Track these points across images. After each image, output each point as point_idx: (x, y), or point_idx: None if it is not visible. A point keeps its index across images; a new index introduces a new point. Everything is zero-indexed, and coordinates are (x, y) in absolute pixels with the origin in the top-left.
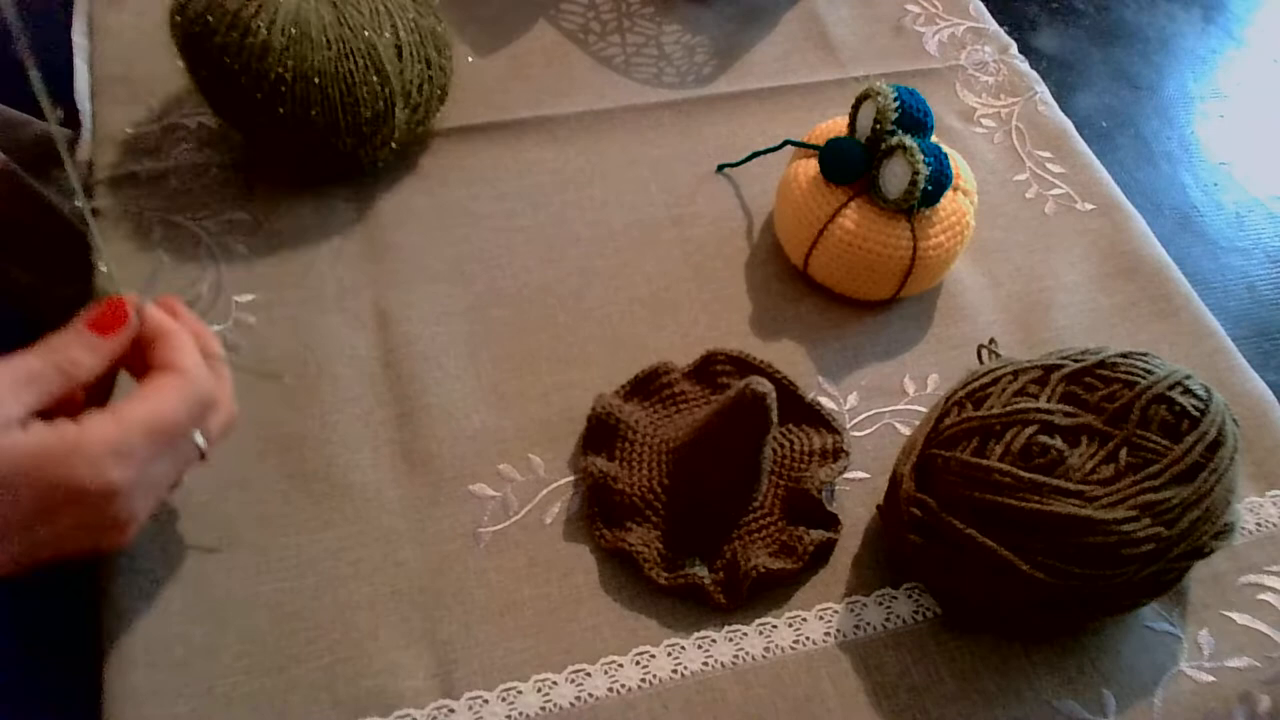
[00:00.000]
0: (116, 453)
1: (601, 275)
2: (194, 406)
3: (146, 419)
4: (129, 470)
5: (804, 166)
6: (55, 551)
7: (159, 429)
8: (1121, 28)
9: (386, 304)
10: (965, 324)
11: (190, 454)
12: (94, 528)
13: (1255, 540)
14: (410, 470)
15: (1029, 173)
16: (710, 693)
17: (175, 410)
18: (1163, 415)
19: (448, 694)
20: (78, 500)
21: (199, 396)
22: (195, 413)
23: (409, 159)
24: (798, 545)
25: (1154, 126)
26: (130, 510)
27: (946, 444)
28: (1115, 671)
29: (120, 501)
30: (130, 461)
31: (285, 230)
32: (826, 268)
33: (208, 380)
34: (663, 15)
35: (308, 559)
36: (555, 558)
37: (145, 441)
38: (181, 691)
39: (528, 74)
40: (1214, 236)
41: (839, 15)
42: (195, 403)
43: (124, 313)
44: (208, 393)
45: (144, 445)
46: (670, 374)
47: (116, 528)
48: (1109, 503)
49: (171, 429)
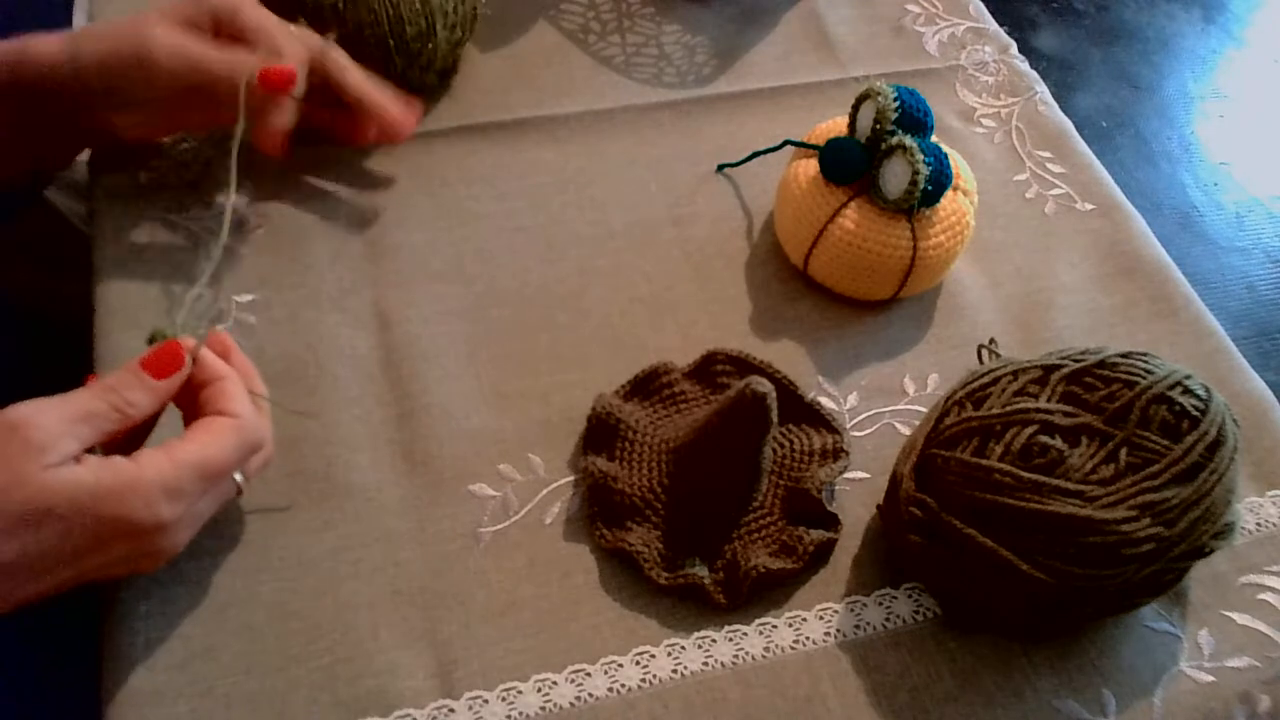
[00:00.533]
0: (169, 491)
1: (601, 275)
2: (243, 451)
3: (200, 461)
4: (179, 508)
5: (804, 166)
6: (96, 578)
7: (210, 471)
8: (1121, 28)
9: (387, 304)
10: (965, 324)
11: (230, 491)
12: (140, 556)
13: (1255, 540)
14: (410, 470)
15: (1029, 173)
16: (710, 693)
17: (226, 454)
18: (1163, 415)
19: (448, 694)
20: (130, 535)
21: (249, 442)
22: (244, 456)
23: (409, 157)
24: (798, 545)
25: (1154, 126)
26: (174, 542)
27: (946, 444)
28: (1115, 671)
29: (168, 536)
30: (181, 500)
31: (285, 230)
32: (826, 268)
33: (258, 427)
34: (663, 15)
35: (308, 559)
36: (555, 558)
37: (196, 482)
38: (182, 691)
39: (528, 74)
40: (1214, 236)
41: (839, 15)
42: (245, 447)
43: (180, 357)
44: (258, 439)
45: (194, 485)
46: (670, 374)
47: (158, 556)
48: (1109, 503)
49: (220, 471)
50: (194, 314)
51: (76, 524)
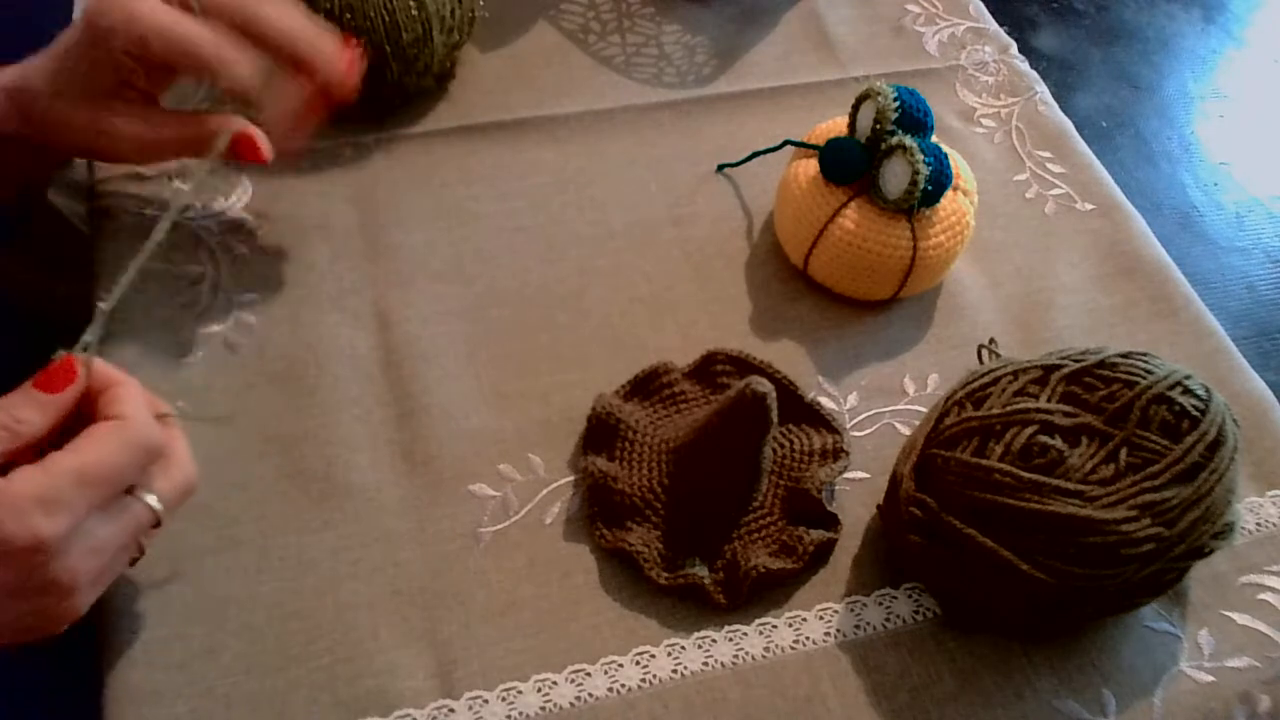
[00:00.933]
0: (44, 502)
1: (601, 275)
2: (133, 454)
3: (77, 467)
4: (59, 522)
5: (804, 166)
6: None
7: (91, 478)
8: (1121, 28)
9: (387, 304)
10: (965, 324)
11: (141, 515)
12: (33, 592)
13: (1255, 540)
14: (410, 470)
15: (1029, 173)
16: (710, 693)
17: (108, 458)
18: (1163, 415)
19: (448, 694)
20: (6, 557)
21: (139, 443)
22: (136, 460)
23: (409, 158)
24: (798, 545)
25: (1154, 126)
26: (70, 572)
27: (946, 444)
28: (1115, 671)
29: (55, 560)
30: (60, 512)
31: (285, 230)
32: (826, 268)
33: (151, 429)
34: (663, 15)
35: (308, 559)
36: (555, 558)
37: (76, 491)
38: (181, 692)
39: (528, 74)
40: (1214, 236)
41: (839, 15)
42: (135, 450)
43: (72, 371)
44: (151, 441)
45: (75, 495)
46: (670, 374)
47: (59, 592)
48: (1109, 503)
49: (106, 478)
50: (103, 329)
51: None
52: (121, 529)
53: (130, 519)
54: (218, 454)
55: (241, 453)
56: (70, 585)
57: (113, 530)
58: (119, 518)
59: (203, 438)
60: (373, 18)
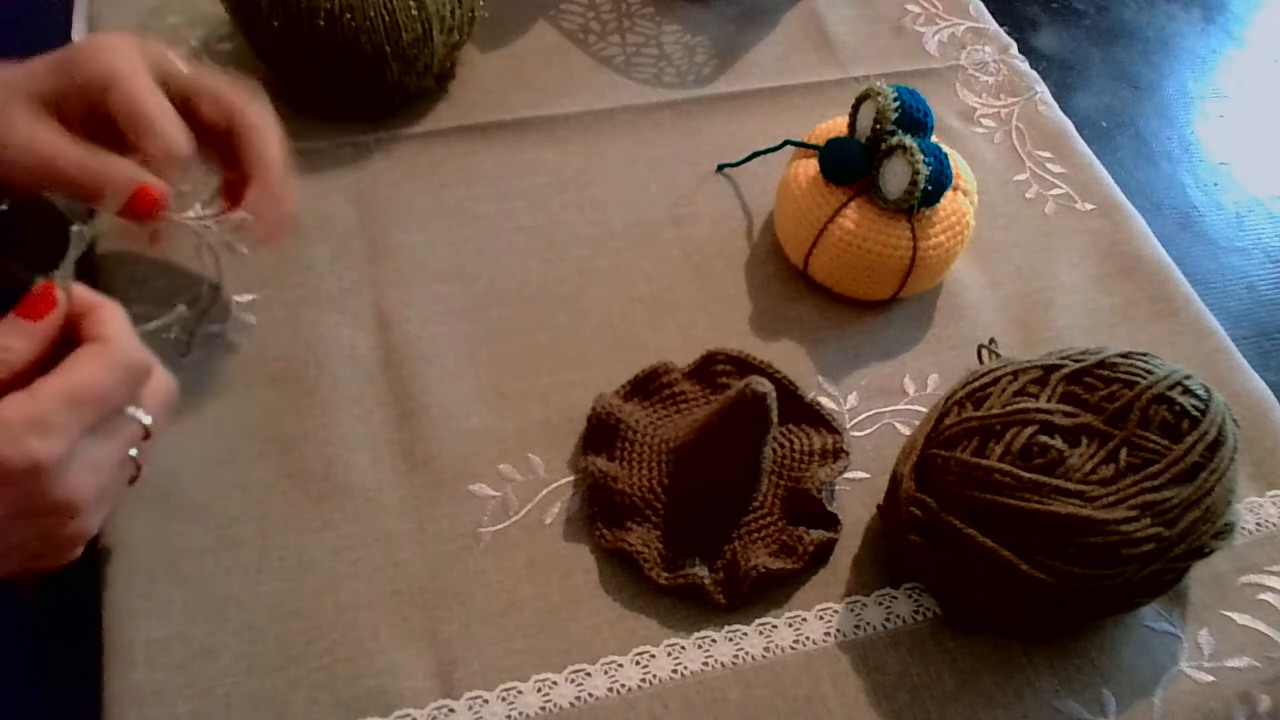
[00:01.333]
0: (34, 424)
1: (601, 275)
2: (121, 374)
3: (64, 389)
4: (53, 444)
5: (804, 166)
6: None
7: (80, 398)
8: (1121, 28)
9: (386, 304)
10: (965, 324)
11: (132, 431)
12: (37, 513)
13: (1255, 540)
14: (410, 470)
15: (1029, 173)
16: (710, 693)
17: (95, 378)
18: (1163, 415)
19: (448, 694)
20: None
21: (125, 364)
22: (124, 381)
23: (409, 158)
24: (798, 545)
25: (1154, 126)
26: (71, 491)
27: (946, 444)
28: (1115, 671)
29: (54, 482)
30: (52, 434)
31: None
32: (826, 268)
33: (136, 349)
34: (663, 15)
35: (308, 559)
36: (555, 558)
37: (66, 412)
38: (182, 691)
39: (528, 74)
40: (1214, 236)
41: (839, 15)
42: (122, 370)
43: (52, 297)
44: (136, 360)
45: (66, 416)
46: (670, 374)
47: (62, 512)
48: (1109, 503)
49: (95, 398)
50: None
51: None
52: (116, 447)
53: (123, 434)
54: (218, 454)
55: (241, 453)
56: (73, 505)
57: (108, 449)
58: (112, 436)
59: (203, 437)
60: (373, 17)
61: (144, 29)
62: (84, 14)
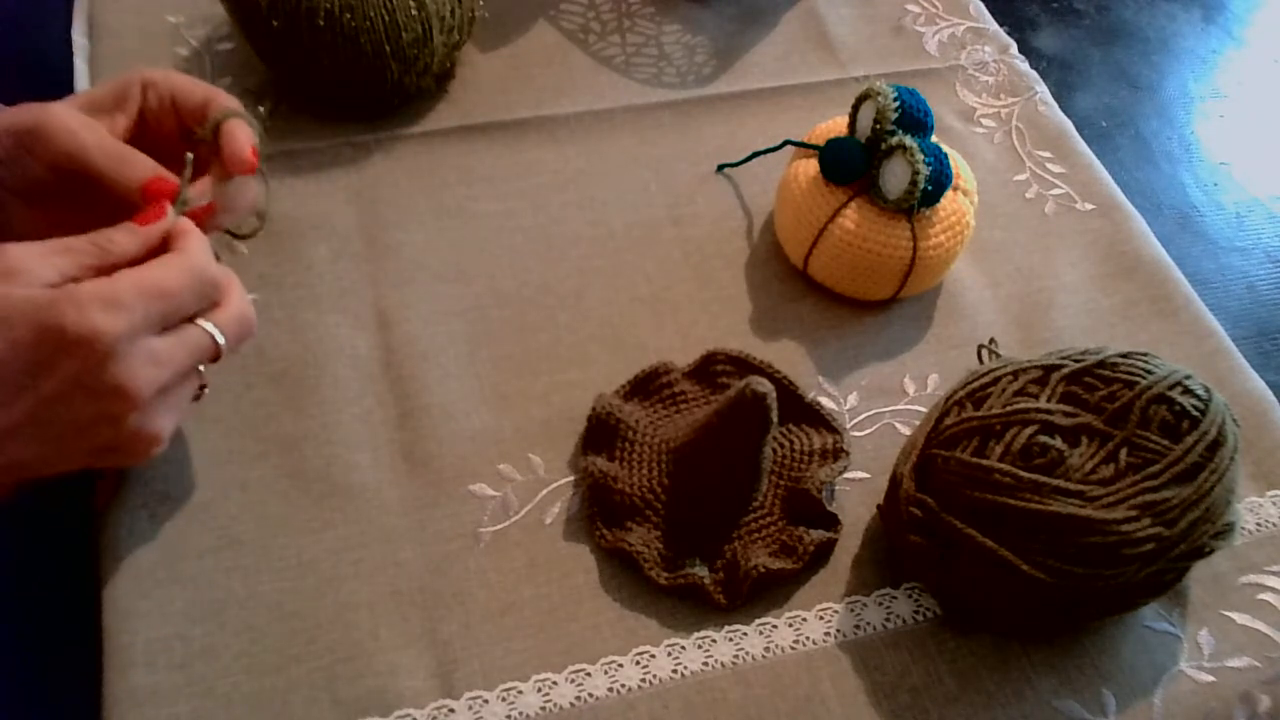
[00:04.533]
0: (104, 300)
1: (601, 275)
2: (192, 280)
3: (138, 278)
4: (116, 319)
5: (804, 166)
6: (69, 428)
7: (152, 290)
8: (1121, 28)
9: (386, 304)
10: (965, 324)
11: (201, 340)
12: (95, 393)
13: (1255, 540)
14: (410, 470)
15: (1029, 173)
16: (710, 693)
17: (169, 276)
18: (1163, 415)
19: (448, 694)
20: (67, 349)
21: (197, 272)
22: (194, 287)
23: (409, 158)
24: (798, 545)
25: (1154, 126)
26: (129, 376)
27: (946, 444)
28: (1115, 671)
29: (113, 360)
30: (118, 311)
31: (285, 230)
32: (826, 268)
33: (211, 263)
34: (663, 15)
35: (308, 559)
36: (555, 558)
37: (137, 298)
38: (182, 692)
39: (527, 74)
40: (1214, 236)
41: (839, 15)
42: (193, 277)
43: (162, 209)
44: (208, 272)
45: (135, 301)
46: (670, 374)
47: (121, 398)
48: (1109, 503)
49: (165, 292)
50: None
51: (20, 333)
52: (182, 348)
53: (190, 340)
54: (218, 454)
55: (241, 453)
56: (131, 391)
57: (172, 347)
58: (179, 337)
59: (203, 437)
60: (372, 17)
61: (143, 29)
62: (84, 13)
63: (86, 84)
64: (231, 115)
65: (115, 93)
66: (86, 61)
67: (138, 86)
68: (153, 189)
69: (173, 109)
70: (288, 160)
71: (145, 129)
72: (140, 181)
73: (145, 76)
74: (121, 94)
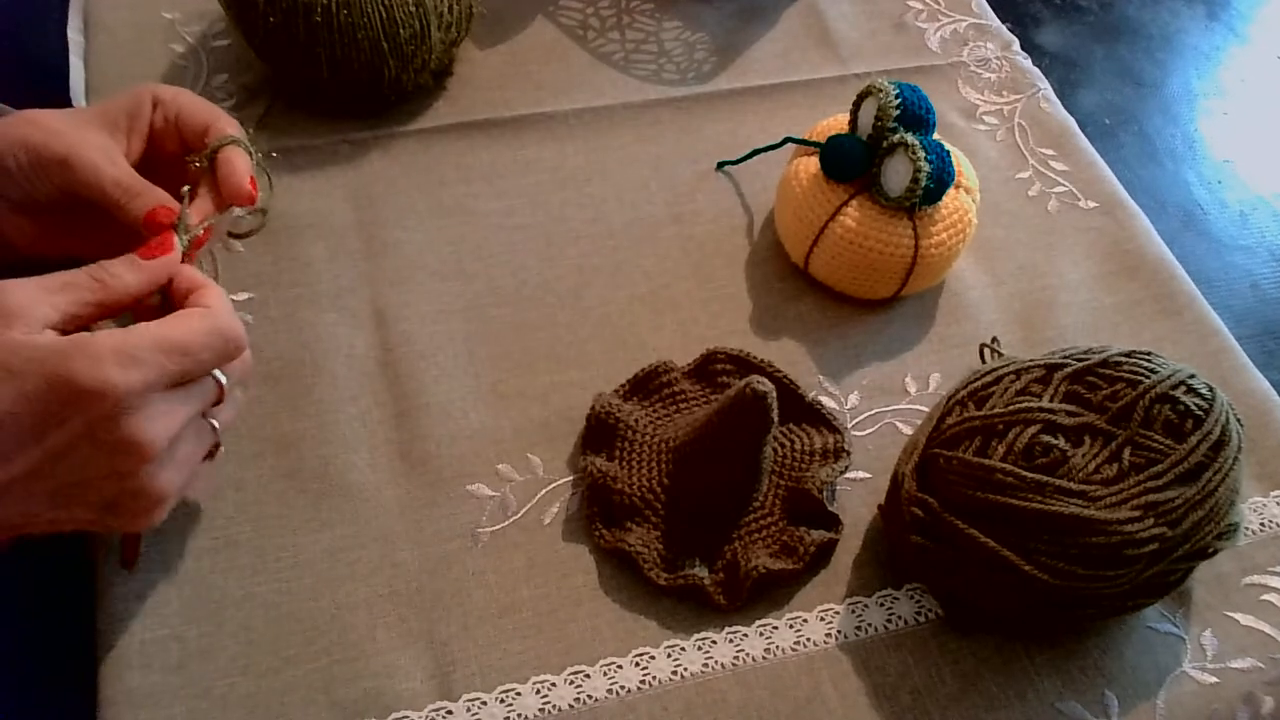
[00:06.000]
0: (119, 355)
1: (601, 273)
2: (214, 338)
3: (158, 333)
4: (131, 375)
5: (805, 164)
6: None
7: (170, 344)
8: (1125, 24)
9: (384, 302)
10: (967, 323)
11: (209, 390)
12: (103, 448)
13: (1259, 541)
14: (408, 470)
15: (1032, 170)
16: (710, 694)
17: (192, 333)
18: (1166, 415)
19: (446, 695)
20: (77, 401)
21: (222, 330)
22: (216, 345)
23: (407, 155)
24: (799, 546)
25: (1157, 124)
26: (140, 433)
27: (949, 444)
28: (1118, 673)
29: (124, 415)
30: (134, 367)
31: (282, 228)
32: (827, 266)
33: (235, 323)
34: (662, 12)
35: (305, 559)
36: (554, 558)
37: (153, 353)
38: (178, 693)
39: (526, 71)
40: (1218, 234)
41: (840, 11)
42: (216, 335)
43: (169, 243)
44: (234, 332)
45: (151, 356)
46: (670, 373)
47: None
48: (1112, 503)
49: (185, 349)
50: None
51: (30, 385)
52: (194, 406)
53: (202, 392)
54: None
55: (238, 452)
56: (141, 447)
57: (186, 402)
58: (194, 391)
59: None
60: (370, 14)
61: (138, 25)
62: (79, 9)
63: (81, 80)
64: (229, 142)
65: (129, 110)
66: (82, 59)
67: (148, 104)
68: (154, 219)
69: (176, 130)
70: (284, 158)
71: (149, 146)
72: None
73: (155, 93)
74: (134, 111)
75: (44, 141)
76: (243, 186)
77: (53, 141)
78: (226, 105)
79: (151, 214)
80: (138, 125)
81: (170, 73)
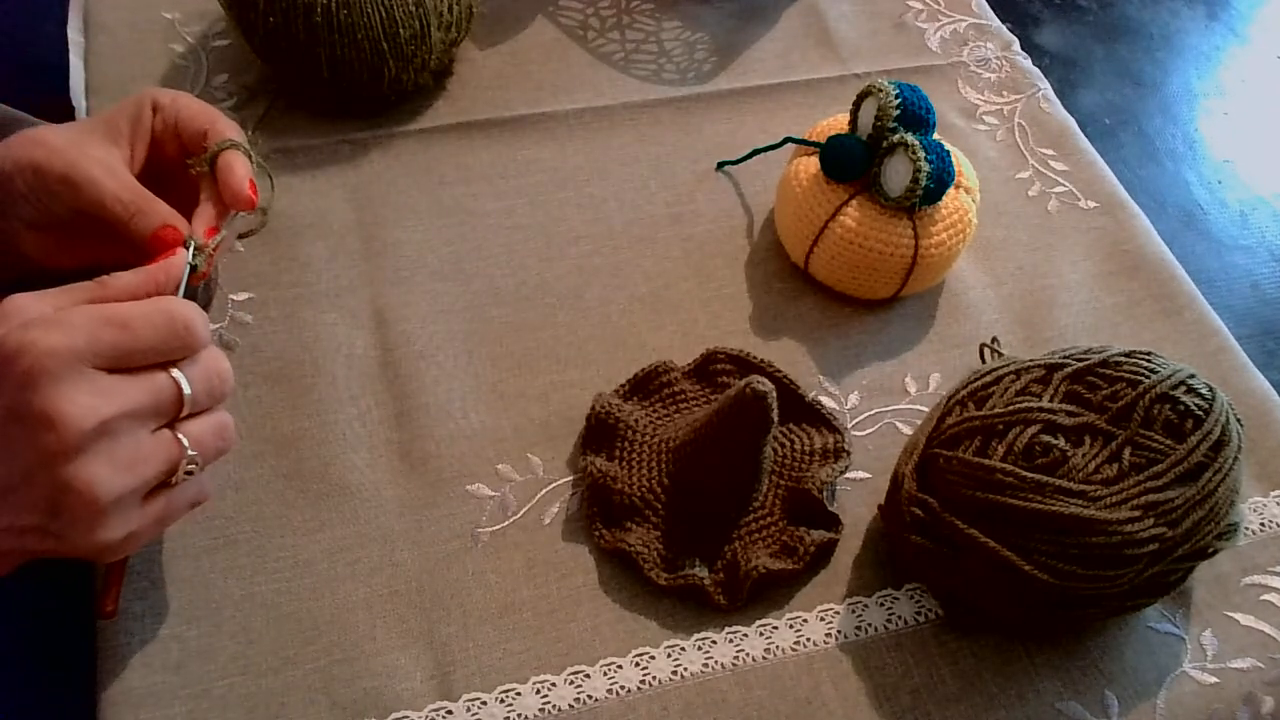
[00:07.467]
0: (47, 320)
1: (601, 273)
2: (159, 316)
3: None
4: (54, 336)
5: (805, 164)
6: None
7: (107, 316)
8: (1125, 24)
9: (384, 302)
10: (967, 323)
11: (163, 386)
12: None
13: (1259, 541)
14: (408, 470)
15: (1032, 170)
16: (710, 694)
17: (134, 307)
18: (1166, 415)
19: (446, 696)
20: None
21: (168, 310)
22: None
23: (407, 155)
24: (799, 546)
25: (1157, 124)
26: (64, 406)
27: (948, 443)
28: (1118, 673)
29: (48, 384)
30: (58, 330)
31: (282, 228)
32: (827, 266)
33: (192, 311)
34: (662, 12)
35: (305, 559)
36: (554, 558)
37: (86, 319)
38: (178, 693)
39: (526, 70)
40: (1217, 234)
41: (840, 11)
42: (161, 314)
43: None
44: (183, 316)
45: (83, 322)
46: (670, 373)
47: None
48: (1112, 503)
49: (124, 323)
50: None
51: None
52: (136, 387)
53: (152, 387)
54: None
55: (237, 452)
56: (63, 421)
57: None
58: (139, 381)
59: None
60: (370, 13)
61: (138, 25)
62: (79, 9)
63: (81, 80)
64: (228, 146)
65: (130, 118)
66: (82, 59)
67: (148, 109)
68: (161, 238)
69: (176, 134)
70: (284, 158)
71: (150, 152)
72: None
73: (154, 98)
74: (135, 118)
75: (46, 159)
76: (243, 191)
77: (54, 159)
78: (226, 105)
79: (157, 236)
80: (140, 131)
81: (170, 73)
